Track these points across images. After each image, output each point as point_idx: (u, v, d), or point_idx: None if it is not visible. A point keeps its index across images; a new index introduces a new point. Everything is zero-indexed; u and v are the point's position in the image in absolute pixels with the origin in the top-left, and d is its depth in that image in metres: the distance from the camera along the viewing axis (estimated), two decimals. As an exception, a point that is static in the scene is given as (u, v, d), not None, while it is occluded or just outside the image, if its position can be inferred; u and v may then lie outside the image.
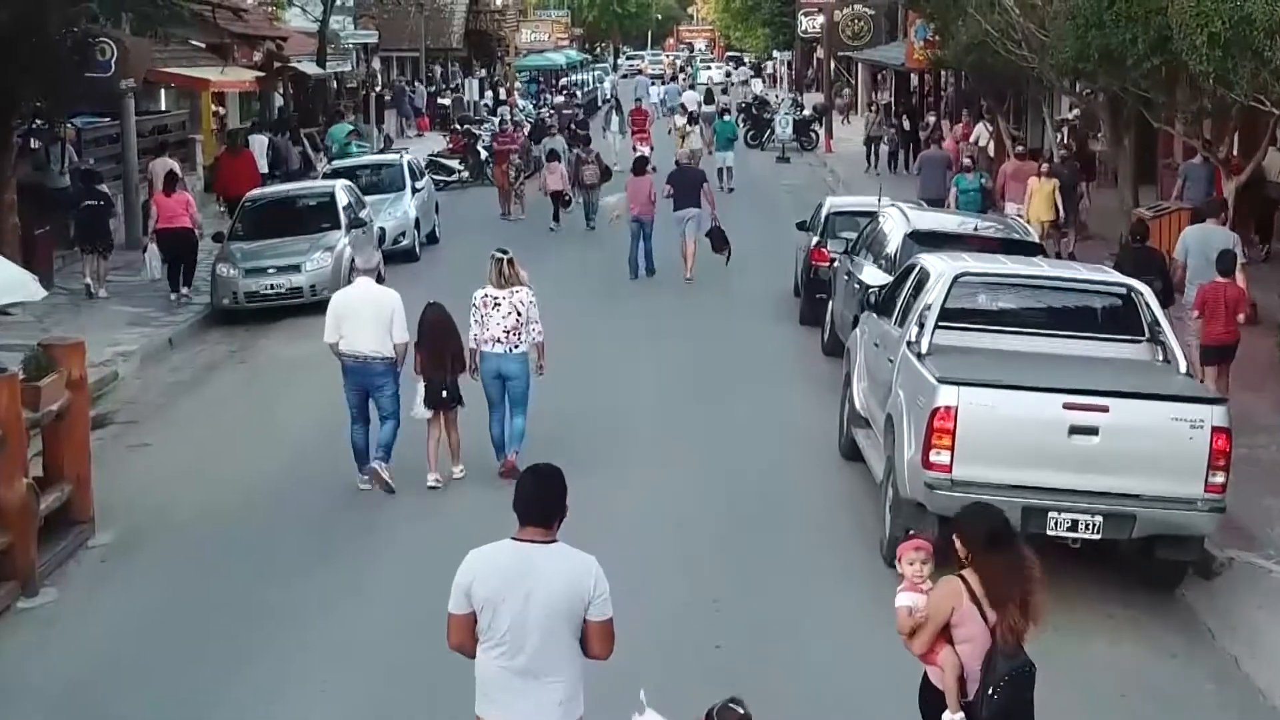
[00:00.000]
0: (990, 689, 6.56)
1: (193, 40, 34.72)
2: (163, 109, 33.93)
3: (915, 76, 45.41)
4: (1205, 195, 19.83)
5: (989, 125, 32.74)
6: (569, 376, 15.11)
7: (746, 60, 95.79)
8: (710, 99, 53.80)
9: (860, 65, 58.64)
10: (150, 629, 10.24)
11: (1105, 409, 9.97)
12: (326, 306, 13.22)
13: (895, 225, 16.43)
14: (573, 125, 37.65)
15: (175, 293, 21.78)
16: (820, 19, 54.20)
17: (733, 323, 20.42)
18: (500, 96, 56.59)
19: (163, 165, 25.60)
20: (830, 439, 14.08)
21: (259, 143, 33.48)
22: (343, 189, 23.13)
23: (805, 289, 20.32)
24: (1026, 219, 22.10)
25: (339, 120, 38.06)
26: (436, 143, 43.73)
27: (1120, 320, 11.65)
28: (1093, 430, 9.97)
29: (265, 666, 9.46)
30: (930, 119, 38.52)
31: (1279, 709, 8.98)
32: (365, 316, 12.66)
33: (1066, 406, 9.98)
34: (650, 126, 40.76)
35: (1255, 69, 15.15)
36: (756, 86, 68.12)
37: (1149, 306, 11.39)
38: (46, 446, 11.83)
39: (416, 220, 26.26)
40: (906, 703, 7.11)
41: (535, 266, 23.94)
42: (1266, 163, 21.12)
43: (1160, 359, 11.33)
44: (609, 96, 63.91)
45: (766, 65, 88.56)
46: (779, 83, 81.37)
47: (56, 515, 11.57)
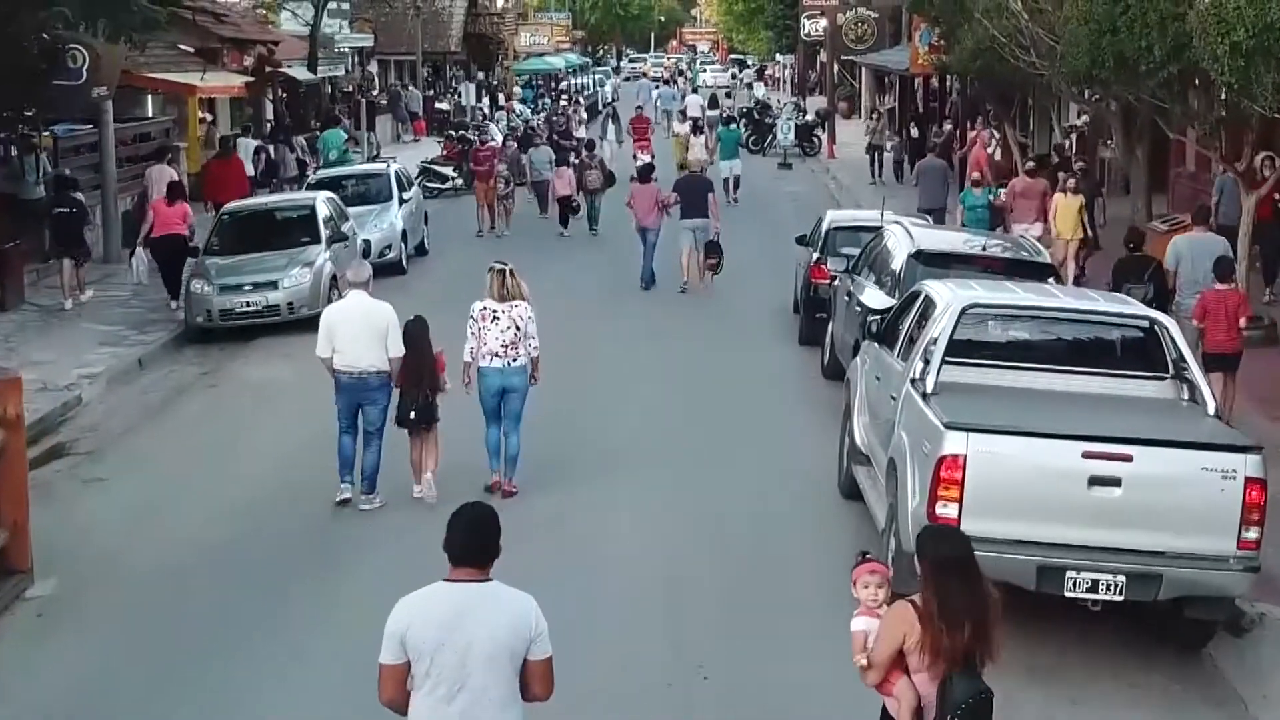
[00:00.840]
0: (948, 717, 6.25)
1: (181, 45, 33.98)
2: (149, 115, 33.17)
3: (919, 81, 44.43)
4: (1239, 212, 18.95)
5: (995, 132, 31.79)
6: (562, 393, 14.92)
7: (750, 63, 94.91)
8: (715, 103, 52.95)
9: (864, 69, 57.74)
10: (89, 697, 9.34)
11: (1129, 458, 9.10)
12: (304, 325, 13.21)
13: (899, 243, 15.53)
14: (554, 135, 36.46)
15: (175, 300, 21.33)
16: (823, 22, 53.22)
17: (730, 341, 19.60)
18: (499, 101, 55.63)
19: (162, 173, 25.13)
20: (829, 472, 13.18)
21: (246, 147, 32.76)
22: (324, 201, 22.24)
23: (804, 307, 19.44)
24: (1054, 237, 21.14)
25: (334, 126, 37.23)
26: (432, 149, 42.81)
27: (1143, 355, 10.77)
28: (1115, 481, 9.09)
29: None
30: (947, 126, 36.99)
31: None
32: (359, 331, 12.44)
33: (1086, 455, 9.10)
34: (651, 134, 39.46)
35: (1279, 79, 14.31)
36: (759, 90, 67.17)
37: (1173, 341, 10.50)
38: (-20, 490, 10.97)
39: (404, 232, 25.39)
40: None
41: (535, 274, 23.69)
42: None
43: (1186, 398, 10.45)
44: (608, 101, 63.11)
45: (766, 68, 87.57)
46: (781, 86, 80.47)
47: (-11, 565, 10.73)
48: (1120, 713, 8.95)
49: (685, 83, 73.14)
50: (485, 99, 55.08)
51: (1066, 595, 9.16)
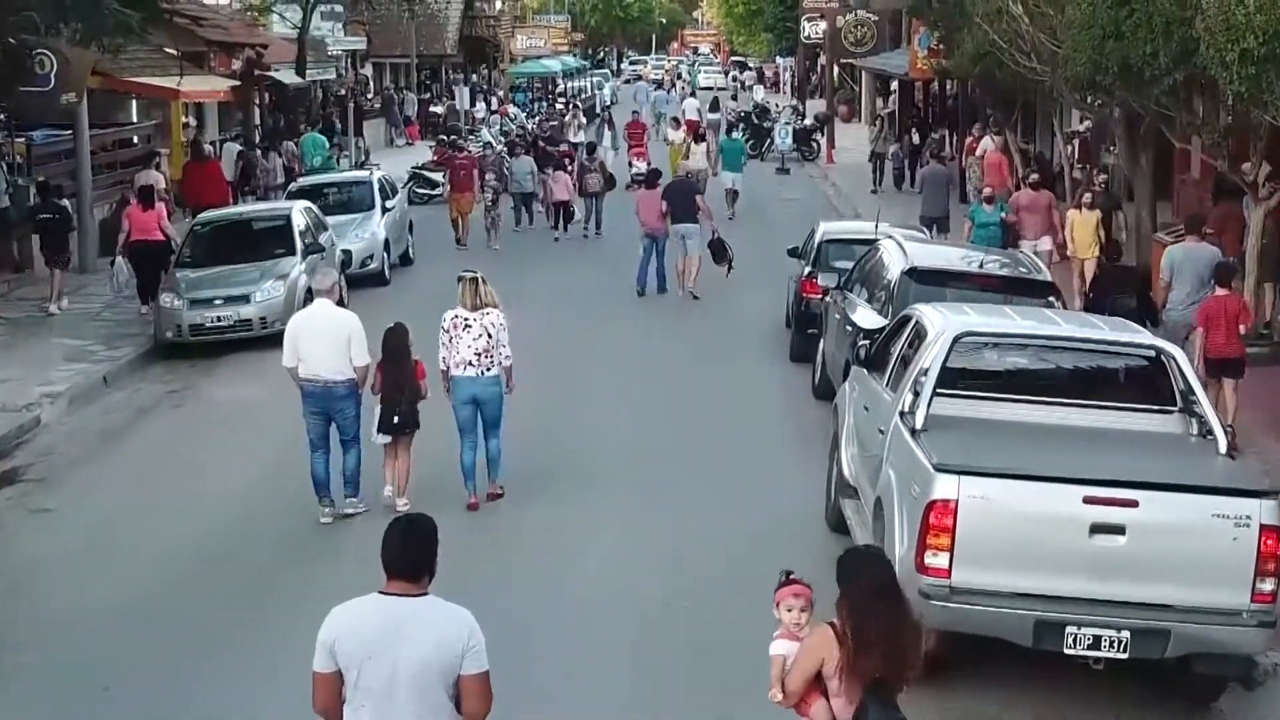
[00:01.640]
0: None
1: (167, 49, 33.28)
2: (133, 120, 32.47)
3: (920, 85, 43.68)
4: None
5: (995, 139, 31.05)
6: (544, 406, 14.80)
7: (751, 65, 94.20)
8: (715, 106, 52.15)
9: (864, 73, 56.99)
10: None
11: (1134, 503, 8.37)
12: (278, 341, 12.98)
13: (892, 259, 14.78)
14: (540, 141, 35.57)
15: (145, 305, 20.99)
16: (823, 24, 52.49)
17: (719, 357, 18.94)
18: (492, 105, 54.87)
19: (148, 178, 24.74)
20: (816, 501, 12.44)
21: (230, 152, 32.21)
22: (300, 211, 21.51)
23: (796, 323, 18.72)
24: (1070, 255, 20.23)
25: (318, 130, 36.57)
26: (424, 154, 42.07)
27: (1149, 387, 10.04)
28: (1119, 529, 8.38)
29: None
30: (940, 133, 35.95)
31: None
32: (323, 339, 12.31)
33: (1088, 500, 8.38)
34: (647, 140, 38.33)
35: (1292, 88, 13.63)
36: (758, 94, 66.35)
37: (1181, 372, 9.77)
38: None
39: (386, 241, 24.64)
40: None
41: (527, 280, 23.25)
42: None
43: (1196, 433, 9.72)
44: (606, 105, 62.37)
45: (765, 71, 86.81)
46: (781, 88, 79.73)
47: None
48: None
49: (683, 86, 72.34)
50: (480, 103, 54.20)
51: (1066, 653, 8.44)
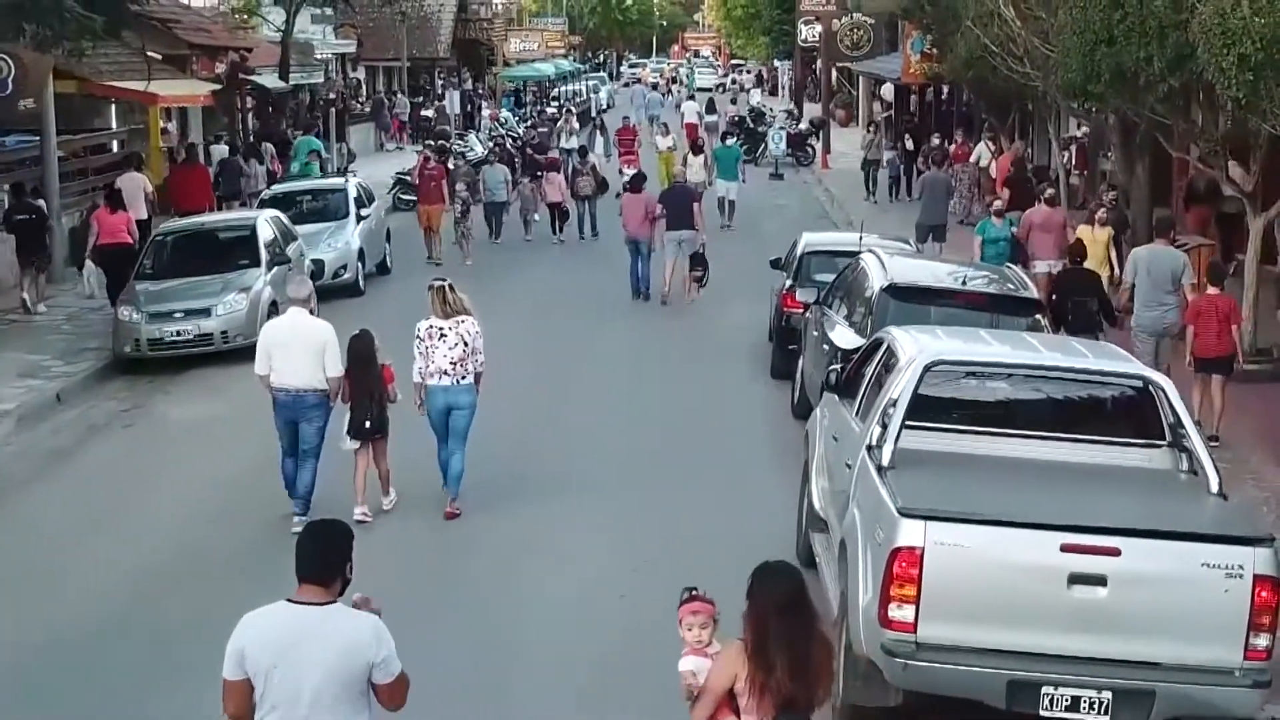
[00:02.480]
0: None
1: (149, 52, 32.64)
2: (111, 126, 31.80)
3: (916, 90, 42.93)
4: None
5: (991, 144, 30.39)
6: (519, 418, 14.65)
7: (749, 68, 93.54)
8: (712, 108, 51.35)
9: (862, 77, 56.28)
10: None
11: (1115, 551, 7.66)
12: (239, 356, 13.41)
13: (872, 274, 14.06)
14: (528, 149, 34.77)
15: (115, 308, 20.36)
16: (819, 27, 51.80)
17: (700, 371, 18.33)
18: (482, 109, 54.14)
19: (129, 181, 24.43)
20: (787, 533, 11.72)
21: (220, 155, 31.63)
22: (266, 221, 20.79)
23: (777, 337, 18.01)
24: None
25: (307, 134, 35.94)
26: (412, 159, 41.34)
27: (1135, 419, 9.31)
28: (1099, 580, 7.67)
29: None
30: (934, 140, 34.46)
31: None
32: (296, 349, 12.27)
33: (1066, 549, 7.67)
34: (639, 147, 36.93)
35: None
36: (754, 97, 65.58)
37: (1170, 404, 9.04)
38: None
39: (360, 251, 23.93)
40: None
41: (509, 286, 23.02)
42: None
43: (1185, 469, 9.01)
44: (601, 109, 61.59)
45: (763, 73, 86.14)
46: (779, 91, 79.06)
47: None
48: None
49: (680, 90, 71.60)
50: (469, 107, 53.50)
51: (1042, 715, 7.72)
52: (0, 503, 13.69)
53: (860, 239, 17.48)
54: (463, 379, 12.41)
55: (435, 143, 38.82)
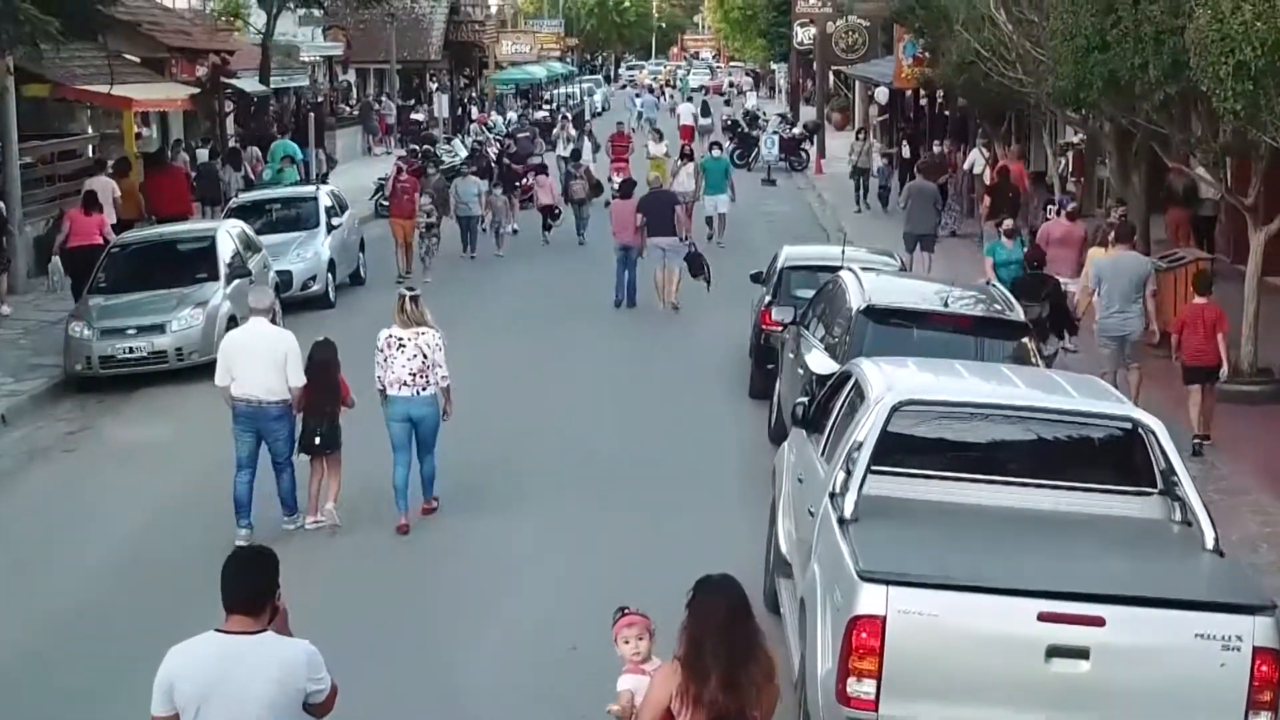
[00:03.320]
0: None
1: (128, 55, 31.88)
2: (87, 131, 31.03)
3: (910, 94, 42.04)
4: None
5: (985, 151, 29.59)
6: (488, 434, 14.40)
7: (748, 70, 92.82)
8: (706, 111, 50.55)
9: (858, 81, 55.45)
10: None
11: (1099, 621, 6.88)
12: (196, 374, 13.71)
13: (850, 294, 13.23)
14: (505, 159, 33.85)
15: None
16: (814, 30, 51.02)
17: (677, 389, 17.56)
18: (471, 114, 53.33)
19: (103, 184, 24.07)
20: (754, 576, 10.90)
21: (201, 159, 31.01)
22: (227, 232, 19.96)
23: (755, 356, 17.22)
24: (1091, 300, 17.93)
25: (282, 138, 35.14)
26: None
27: (1123, 465, 8.50)
28: (1081, 652, 6.89)
29: None
30: (937, 147, 32.84)
31: None
32: (258, 359, 12.14)
33: (1044, 618, 6.89)
34: (630, 154, 35.28)
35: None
36: (750, 100, 64.75)
37: (1161, 447, 8.24)
38: None
39: (331, 262, 23.12)
40: None
41: (493, 293, 22.96)
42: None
43: (1178, 519, 8.21)
44: (595, 112, 60.78)
45: (758, 76, 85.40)
46: (776, 94, 78.28)
47: None
48: None
49: (674, 94, 70.75)
50: (459, 110, 52.70)
51: (1017, 804, 6.94)
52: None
53: (843, 253, 16.69)
54: (423, 390, 12.31)
55: (421, 147, 38.15)
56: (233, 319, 18.29)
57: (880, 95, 45.39)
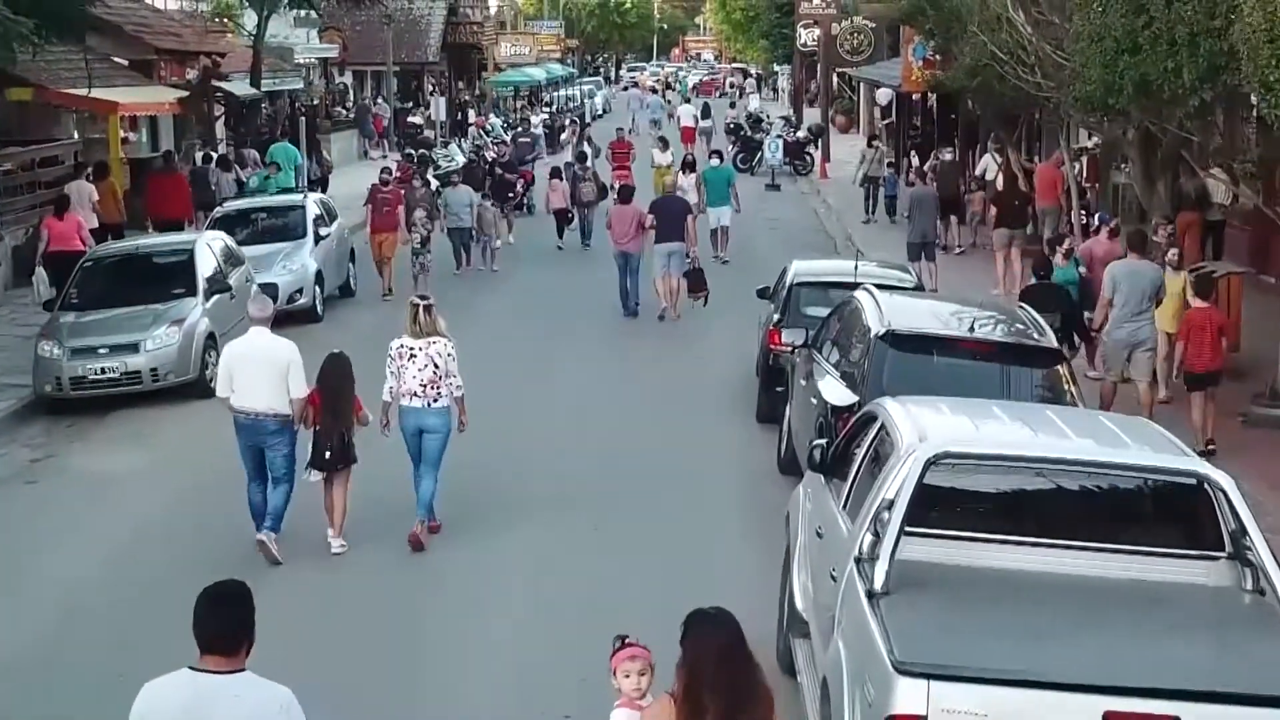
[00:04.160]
0: None
1: (114, 57, 30.99)
2: (72, 136, 30.08)
3: (917, 98, 41.06)
4: None
5: (998, 156, 28.61)
6: (482, 455, 13.79)
7: (752, 72, 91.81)
8: (707, 113, 49.56)
9: (863, 83, 54.48)
10: None
11: (1174, 720, 5.92)
12: (172, 395, 13.59)
13: (868, 317, 12.24)
14: (497, 169, 32.70)
15: None
16: (818, 31, 50.06)
17: (682, 411, 16.62)
18: (468, 117, 52.36)
19: (81, 189, 23.82)
20: (764, 610, 9.87)
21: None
22: (207, 245, 19.00)
23: (763, 376, 16.27)
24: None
25: (279, 142, 34.26)
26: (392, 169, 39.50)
27: (1187, 525, 7.53)
28: (1153, 758, 5.93)
29: None
30: (945, 155, 31.43)
31: None
32: (260, 369, 11.87)
33: (1111, 718, 5.92)
34: (632, 161, 33.73)
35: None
36: (753, 102, 63.71)
37: (1231, 506, 7.27)
38: None
39: (319, 274, 22.17)
40: None
41: (505, 290, 22.90)
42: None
43: (1250, 587, 7.24)
44: (596, 115, 59.82)
45: (763, 77, 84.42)
46: (779, 96, 77.30)
47: None
48: None
49: (675, 96, 69.78)
50: (457, 114, 51.76)
51: None
52: None
53: (856, 269, 15.75)
54: (435, 401, 12.12)
55: (416, 152, 37.17)
56: (211, 336, 17.42)
57: (881, 97, 44.45)
